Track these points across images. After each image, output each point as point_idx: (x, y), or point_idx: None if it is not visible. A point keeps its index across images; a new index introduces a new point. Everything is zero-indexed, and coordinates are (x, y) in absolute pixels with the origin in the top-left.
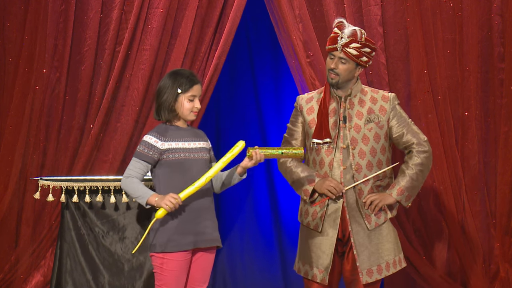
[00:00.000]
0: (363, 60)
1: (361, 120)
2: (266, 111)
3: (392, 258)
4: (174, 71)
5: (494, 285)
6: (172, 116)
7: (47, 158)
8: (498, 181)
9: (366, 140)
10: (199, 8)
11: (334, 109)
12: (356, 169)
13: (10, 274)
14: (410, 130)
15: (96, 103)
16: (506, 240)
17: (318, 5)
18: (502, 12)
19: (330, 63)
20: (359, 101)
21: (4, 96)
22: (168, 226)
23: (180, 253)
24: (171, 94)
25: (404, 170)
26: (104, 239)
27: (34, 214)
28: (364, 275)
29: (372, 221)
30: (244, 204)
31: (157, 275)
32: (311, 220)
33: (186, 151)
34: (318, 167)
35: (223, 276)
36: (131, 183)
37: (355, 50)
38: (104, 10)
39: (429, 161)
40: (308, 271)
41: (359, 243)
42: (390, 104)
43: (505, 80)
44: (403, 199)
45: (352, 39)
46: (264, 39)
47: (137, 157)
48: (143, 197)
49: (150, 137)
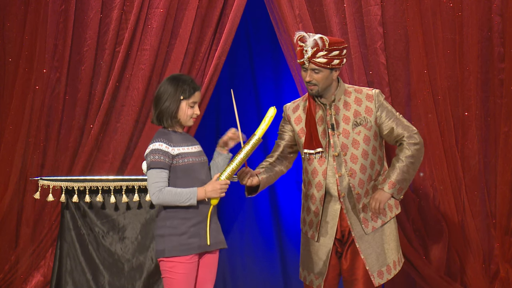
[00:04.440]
0: (334, 64)
1: (349, 125)
2: (266, 111)
3: (397, 256)
4: (175, 76)
5: (494, 285)
6: (174, 122)
7: (47, 158)
8: (498, 181)
9: (356, 144)
10: (199, 8)
11: (321, 117)
12: (350, 174)
13: (10, 274)
14: (399, 123)
15: (96, 103)
16: (506, 240)
17: (318, 5)
18: (502, 12)
19: (305, 76)
20: (344, 104)
21: (4, 96)
22: (177, 231)
23: (189, 256)
24: (173, 101)
25: (395, 163)
26: (104, 239)
27: (34, 214)
28: (376, 277)
29: (369, 225)
30: (244, 204)
31: (167, 280)
32: (309, 229)
33: (192, 155)
34: (311, 176)
35: (223, 276)
36: (169, 194)
37: (323, 58)
38: (104, 10)
39: (420, 153)
40: (306, 276)
41: (365, 247)
42: (376, 103)
43: (505, 80)
44: (395, 192)
45: (316, 49)
46: (264, 39)
47: (158, 167)
48: (191, 198)
49: (161, 144)
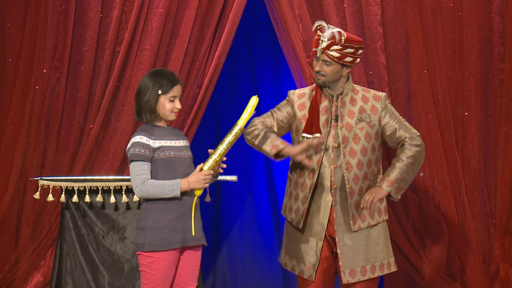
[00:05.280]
0: (347, 61)
1: (353, 119)
2: (266, 111)
3: (380, 261)
4: (154, 71)
5: (494, 285)
6: (153, 117)
7: (47, 158)
8: (498, 181)
9: (357, 139)
10: (199, 8)
11: (326, 107)
12: (347, 168)
13: (10, 274)
14: (402, 126)
15: (96, 103)
16: (506, 240)
17: (318, 5)
18: (502, 12)
19: (315, 65)
20: (351, 99)
21: (4, 96)
22: (158, 225)
23: (169, 252)
24: (152, 95)
25: (395, 162)
26: (104, 239)
27: (34, 214)
28: (346, 275)
29: (357, 223)
30: (244, 204)
31: (144, 274)
32: (294, 217)
33: (174, 149)
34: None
35: (223, 276)
36: (152, 186)
37: (336, 52)
38: (104, 10)
39: (421, 156)
40: (295, 266)
41: (344, 243)
42: (382, 104)
43: (505, 80)
44: (393, 190)
45: (331, 42)
46: (264, 39)
47: (139, 159)
48: (174, 190)
49: (141, 137)
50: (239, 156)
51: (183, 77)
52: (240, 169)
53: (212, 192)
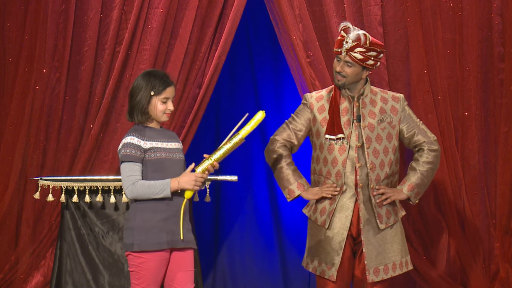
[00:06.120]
0: (369, 64)
1: (375, 120)
2: (266, 111)
3: (399, 259)
4: (148, 72)
5: (494, 285)
6: (145, 118)
7: (47, 158)
8: (498, 181)
9: (379, 139)
10: (199, 8)
11: (346, 108)
12: (371, 167)
13: (10, 274)
14: (420, 130)
15: (96, 103)
16: (506, 240)
17: (318, 5)
18: (502, 12)
19: (337, 65)
20: (370, 101)
21: (4, 96)
22: (146, 225)
23: (159, 252)
24: (144, 96)
25: (415, 167)
26: (104, 239)
27: (34, 214)
28: (371, 274)
29: (383, 221)
30: (244, 204)
31: (134, 274)
32: (319, 216)
33: (165, 151)
34: (330, 165)
35: (223, 276)
36: (142, 186)
37: (360, 54)
38: (104, 10)
39: (438, 160)
40: (317, 267)
41: (369, 242)
42: (401, 105)
43: (505, 80)
44: (413, 195)
45: (356, 43)
46: (264, 39)
47: (129, 160)
48: (164, 190)
49: (132, 138)
50: (239, 156)
51: (183, 77)
52: (240, 169)
53: (212, 192)
